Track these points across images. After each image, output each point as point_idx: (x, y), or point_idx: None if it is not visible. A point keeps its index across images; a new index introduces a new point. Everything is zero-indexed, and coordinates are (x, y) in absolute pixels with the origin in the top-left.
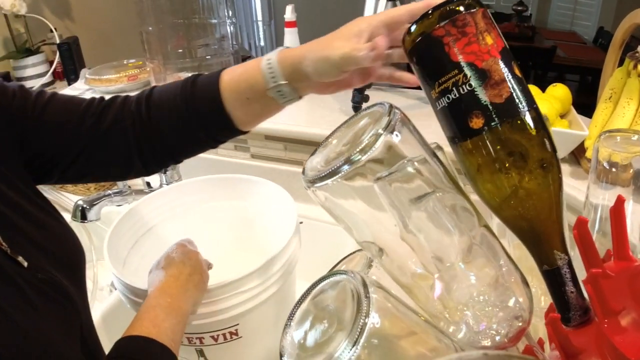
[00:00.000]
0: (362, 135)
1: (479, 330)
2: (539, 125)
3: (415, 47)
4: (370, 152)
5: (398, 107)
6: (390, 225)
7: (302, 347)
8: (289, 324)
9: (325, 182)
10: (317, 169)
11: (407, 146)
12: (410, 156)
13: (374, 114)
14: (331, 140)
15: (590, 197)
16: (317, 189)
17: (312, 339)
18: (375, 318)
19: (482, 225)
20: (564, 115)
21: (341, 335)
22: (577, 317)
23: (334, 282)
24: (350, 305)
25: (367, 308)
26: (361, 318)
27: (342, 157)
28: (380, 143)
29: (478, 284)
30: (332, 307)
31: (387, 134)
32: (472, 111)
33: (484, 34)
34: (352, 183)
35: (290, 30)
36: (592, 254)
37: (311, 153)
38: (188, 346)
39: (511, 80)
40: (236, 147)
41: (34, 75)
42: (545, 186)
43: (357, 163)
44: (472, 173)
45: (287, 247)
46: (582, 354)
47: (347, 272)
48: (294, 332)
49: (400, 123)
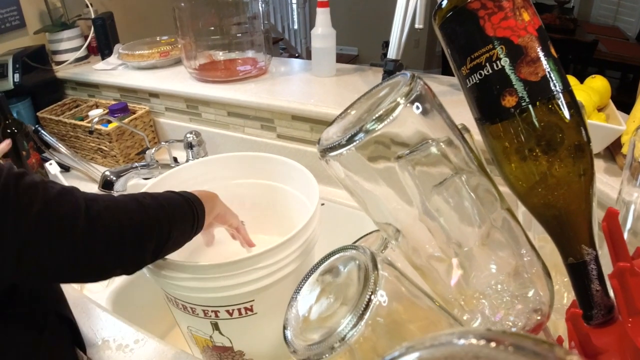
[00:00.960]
0: (379, 104)
1: (495, 320)
2: (573, 110)
3: (447, 21)
4: (387, 120)
5: (422, 79)
6: (409, 206)
7: (306, 321)
8: (294, 297)
9: (339, 152)
10: (332, 138)
11: (430, 122)
12: (433, 135)
13: (395, 84)
14: (350, 111)
15: (623, 194)
16: (332, 159)
17: (317, 312)
18: (382, 296)
19: (505, 209)
20: (602, 108)
21: (345, 310)
22: (600, 315)
23: (344, 257)
24: (357, 281)
25: (375, 283)
26: (367, 293)
27: (358, 126)
28: (399, 112)
29: (497, 272)
30: (339, 282)
31: (407, 104)
32: (505, 88)
33: (521, 9)
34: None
35: (323, 10)
36: (621, 248)
37: (328, 124)
38: (203, 319)
39: (547, 59)
40: (263, 126)
41: (69, 49)
42: (575, 175)
43: (373, 132)
44: (500, 156)
45: (307, 227)
46: (603, 354)
47: (357, 246)
48: (299, 305)
49: (423, 95)
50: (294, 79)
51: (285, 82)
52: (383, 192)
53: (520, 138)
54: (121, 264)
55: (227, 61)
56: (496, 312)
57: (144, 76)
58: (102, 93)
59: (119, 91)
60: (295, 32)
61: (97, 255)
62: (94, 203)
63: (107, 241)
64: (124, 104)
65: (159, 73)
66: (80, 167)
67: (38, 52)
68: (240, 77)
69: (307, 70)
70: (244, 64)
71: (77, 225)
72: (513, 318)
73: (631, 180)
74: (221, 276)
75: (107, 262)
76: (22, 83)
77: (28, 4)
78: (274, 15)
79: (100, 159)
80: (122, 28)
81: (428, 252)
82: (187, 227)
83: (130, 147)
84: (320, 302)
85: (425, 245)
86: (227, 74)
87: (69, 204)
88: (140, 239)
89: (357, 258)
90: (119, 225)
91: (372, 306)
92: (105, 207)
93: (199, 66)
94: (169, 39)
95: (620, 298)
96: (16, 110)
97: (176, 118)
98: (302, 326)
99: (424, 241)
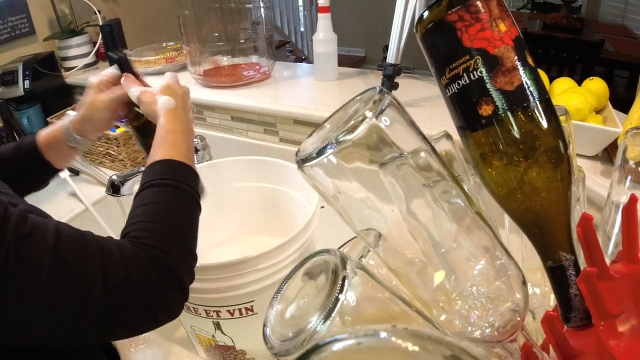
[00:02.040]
0: (350, 118)
1: (471, 321)
2: (550, 117)
3: (427, 32)
4: (354, 134)
5: (392, 94)
6: (388, 211)
7: (282, 319)
8: (275, 297)
9: (310, 163)
10: (307, 150)
11: (398, 134)
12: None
13: (365, 98)
14: (326, 124)
15: (612, 196)
16: (305, 169)
17: (294, 311)
18: (351, 296)
19: (475, 212)
20: (600, 110)
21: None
22: (578, 319)
23: (321, 260)
24: (327, 281)
25: (342, 283)
26: (335, 293)
27: (327, 139)
28: (366, 125)
29: (474, 274)
30: (315, 283)
31: (374, 118)
32: (481, 98)
33: (498, 21)
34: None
35: (324, 16)
36: (596, 253)
37: (308, 136)
38: (206, 318)
39: (523, 68)
40: (266, 130)
41: (78, 55)
42: (553, 182)
43: (343, 144)
44: (479, 163)
45: (306, 230)
46: (581, 356)
47: (330, 250)
48: (278, 304)
49: (391, 109)
50: (297, 83)
51: (288, 87)
52: (361, 195)
53: (498, 145)
54: (163, 314)
55: (231, 66)
56: (472, 313)
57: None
58: None
59: None
60: (302, 34)
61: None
62: (112, 262)
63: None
64: None
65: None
66: (89, 171)
67: (48, 59)
68: (244, 82)
69: (310, 75)
70: (248, 69)
71: (91, 298)
72: (491, 319)
73: (621, 181)
74: (222, 277)
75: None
76: (32, 89)
77: (38, 11)
78: (280, 18)
79: (108, 163)
80: (129, 34)
81: (407, 256)
82: (197, 215)
83: (138, 152)
84: (297, 301)
85: (405, 249)
86: (231, 79)
87: (81, 271)
88: (170, 281)
89: (330, 260)
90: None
91: (339, 305)
92: (121, 265)
93: (204, 72)
94: (175, 45)
95: (590, 302)
96: (26, 116)
97: None
98: (280, 324)
99: (404, 244)
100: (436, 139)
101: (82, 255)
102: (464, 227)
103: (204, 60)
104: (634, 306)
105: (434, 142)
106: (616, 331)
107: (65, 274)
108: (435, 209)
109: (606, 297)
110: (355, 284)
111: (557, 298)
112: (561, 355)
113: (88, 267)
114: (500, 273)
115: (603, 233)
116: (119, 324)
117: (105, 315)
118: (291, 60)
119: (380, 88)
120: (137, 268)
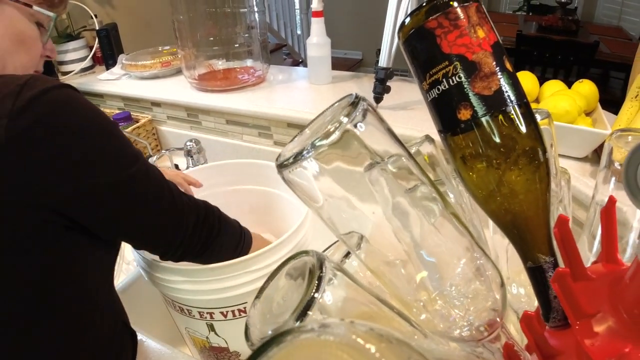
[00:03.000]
0: (327, 124)
1: (450, 320)
2: (528, 121)
3: (409, 38)
4: (329, 139)
5: (368, 100)
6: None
7: (263, 318)
8: (258, 296)
9: (289, 168)
10: (285, 155)
11: (374, 139)
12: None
13: (342, 104)
14: (307, 130)
15: (597, 196)
16: (289, 172)
17: (272, 311)
18: (328, 296)
19: (451, 213)
20: (590, 113)
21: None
22: (557, 319)
23: (302, 261)
24: (304, 281)
25: (318, 283)
26: (310, 292)
27: (303, 146)
28: (341, 132)
29: (452, 274)
30: (295, 284)
31: (349, 124)
32: (460, 102)
33: (476, 27)
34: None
35: (317, 20)
36: (573, 254)
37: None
38: (199, 320)
39: (501, 73)
40: (260, 134)
41: (75, 59)
42: (531, 184)
43: (319, 148)
44: (460, 166)
45: (298, 231)
46: (560, 356)
47: (309, 251)
48: (260, 304)
49: (366, 115)
50: (291, 87)
51: (283, 90)
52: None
53: (477, 149)
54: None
55: (226, 70)
56: (450, 313)
57: (147, 86)
58: (107, 102)
59: (123, 100)
60: (299, 37)
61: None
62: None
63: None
64: (128, 113)
65: (161, 83)
66: None
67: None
68: (238, 86)
69: (305, 78)
70: (242, 73)
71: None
72: (471, 318)
73: (606, 182)
74: (214, 279)
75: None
76: None
77: None
78: (277, 21)
79: None
80: (126, 38)
81: (388, 257)
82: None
83: None
84: (277, 300)
85: (386, 251)
86: (226, 83)
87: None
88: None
89: (308, 261)
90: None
91: (315, 304)
92: (191, 202)
93: (199, 76)
94: (171, 49)
95: (564, 302)
96: None
97: (177, 126)
98: (261, 322)
99: (385, 246)
100: (419, 142)
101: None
102: (442, 229)
103: (199, 65)
104: (610, 306)
105: (417, 146)
106: (592, 331)
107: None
108: (414, 212)
109: (582, 297)
110: (335, 284)
111: (538, 298)
112: (540, 354)
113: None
114: (479, 273)
115: (589, 233)
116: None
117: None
118: (288, 63)
119: (356, 94)
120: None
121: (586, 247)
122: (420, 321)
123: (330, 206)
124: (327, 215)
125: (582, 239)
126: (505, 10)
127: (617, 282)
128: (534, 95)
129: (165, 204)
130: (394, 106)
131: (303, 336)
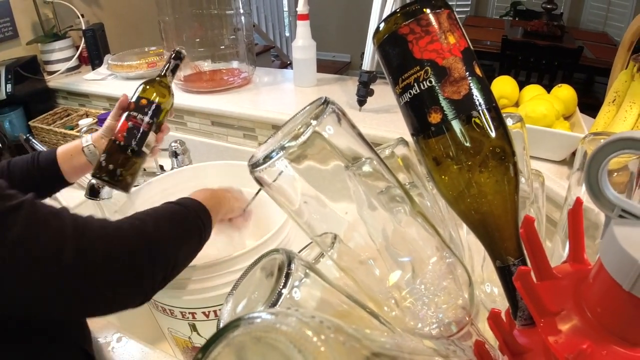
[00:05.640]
0: (297, 125)
1: (420, 317)
2: (497, 124)
3: (383, 44)
4: (298, 140)
5: (337, 104)
6: (342, 214)
7: (235, 314)
8: (231, 293)
9: (259, 168)
10: (256, 156)
11: (342, 141)
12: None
13: (313, 107)
14: (279, 132)
15: (570, 198)
16: (259, 172)
17: (243, 307)
18: (296, 292)
19: (417, 211)
20: (569, 117)
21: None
22: (524, 318)
23: (272, 259)
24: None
25: (286, 280)
26: (278, 288)
27: (276, 145)
28: (309, 134)
29: (422, 272)
30: (265, 281)
31: (318, 127)
32: (431, 106)
33: (447, 33)
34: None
35: (302, 23)
36: (539, 254)
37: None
38: (181, 320)
39: (471, 78)
40: (245, 135)
41: (61, 59)
42: (499, 185)
43: (288, 149)
44: (431, 168)
45: (280, 231)
46: (528, 353)
47: (280, 249)
48: (232, 301)
49: (334, 118)
50: (277, 89)
51: (268, 93)
52: (315, 200)
53: (448, 151)
54: (119, 301)
55: (212, 72)
56: (420, 310)
57: (133, 86)
58: (93, 102)
59: (109, 101)
60: (287, 39)
61: (86, 292)
62: (85, 231)
63: (98, 278)
64: None
65: None
66: None
67: (30, 63)
68: (224, 87)
69: (290, 80)
70: (228, 74)
71: (61, 259)
72: (441, 316)
73: (579, 184)
74: (197, 279)
75: (99, 299)
76: (15, 93)
77: (21, 15)
78: (265, 23)
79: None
80: (112, 38)
81: (360, 257)
82: (194, 243)
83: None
84: (248, 297)
85: (357, 251)
86: (212, 84)
87: (54, 230)
88: (141, 273)
89: (278, 258)
90: (114, 259)
91: (282, 299)
92: (98, 237)
93: (184, 77)
94: (157, 50)
95: (527, 300)
96: (8, 120)
97: None
98: (230, 316)
99: (356, 246)
100: (393, 145)
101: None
102: (412, 229)
103: (185, 66)
104: (574, 304)
105: (391, 148)
106: (556, 328)
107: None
108: (384, 213)
109: (545, 296)
110: (306, 283)
111: (507, 297)
112: (508, 351)
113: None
114: (449, 272)
115: (562, 233)
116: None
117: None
118: (276, 65)
119: (325, 98)
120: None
121: (560, 246)
122: (391, 318)
123: (304, 207)
124: (301, 217)
125: (555, 239)
126: (492, 15)
127: (582, 281)
128: (514, 100)
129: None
130: (378, 109)
131: (253, 326)
